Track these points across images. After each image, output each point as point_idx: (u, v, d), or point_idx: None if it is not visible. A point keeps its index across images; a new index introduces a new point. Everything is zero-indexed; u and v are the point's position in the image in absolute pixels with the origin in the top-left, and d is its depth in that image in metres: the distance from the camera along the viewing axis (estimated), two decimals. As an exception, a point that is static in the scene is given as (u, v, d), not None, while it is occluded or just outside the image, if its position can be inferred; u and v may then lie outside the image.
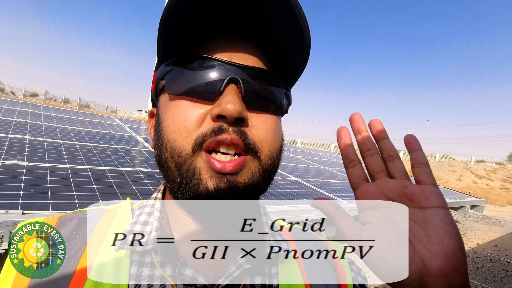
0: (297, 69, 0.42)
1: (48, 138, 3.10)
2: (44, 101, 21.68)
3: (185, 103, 0.36)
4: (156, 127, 0.40)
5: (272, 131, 0.38)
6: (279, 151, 0.40)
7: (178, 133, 0.35)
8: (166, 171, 0.37)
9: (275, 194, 2.94)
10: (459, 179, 19.81)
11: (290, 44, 0.38)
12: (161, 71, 0.39)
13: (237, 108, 0.33)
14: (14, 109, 4.43)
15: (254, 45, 0.39)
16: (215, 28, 0.38)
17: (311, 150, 9.60)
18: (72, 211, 0.45)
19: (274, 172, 0.40)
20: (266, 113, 0.38)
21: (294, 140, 28.79)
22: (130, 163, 2.83)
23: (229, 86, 0.35)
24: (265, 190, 0.39)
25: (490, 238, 6.13)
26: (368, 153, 0.34)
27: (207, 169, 0.34)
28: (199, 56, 0.36)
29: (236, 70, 0.36)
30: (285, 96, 0.41)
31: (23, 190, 1.69)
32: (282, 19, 0.35)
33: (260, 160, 0.36)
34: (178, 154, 0.35)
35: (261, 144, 0.36)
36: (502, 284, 3.75)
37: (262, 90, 0.37)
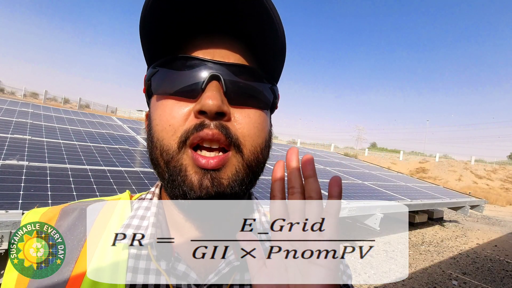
0: (278, 64, 0.43)
1: (48, 138, 3.10)
2: (44, 101, 21.68)
3: (171, 102, 0.37)
4: (148, 127, 0.41)
5: (256, 125, 0.38)
6: (263, 145, 0.40)
7: (165, 131, 0.36)
8: (157, 168, 0.39)
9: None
10: (459, 179, 19.83)
11: (268, 42, 0.39)
12: (148, 73, 0.40)
13: (216, 102, 0.34)
14: (14, 109, 4.43)
15: (236, 42, 0.39)
16: (197, 27, 0.38)
17: (311, 150, 9.60)
18: (75, 202, 0.46)
19: (260, 167, 0.40)
20: (249, 107, 0.38)
21: (294, 140, 28.78)
22: (130, 163, 2.83)
23: (210, 83, 0.36)
24: (252, 185, 0.40)
25: (490, 238, 6.13)
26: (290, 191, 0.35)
27: (192, 165, 0.35)
28: (181, 57, 0.37)
29: (217, 67, 0.36)
30: (270, 91, 0.42)
31: (23, 190, 1.69)
32: (260, 20, 0.37)
33: (243, 155, 0.37)
34: (166, 151, 0.36)
35: (243, 139, 0.37)
36: (502, 284, 3.75)
37: (244, 85, 0.38)
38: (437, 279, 3.67)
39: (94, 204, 0.45)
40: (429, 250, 4.74)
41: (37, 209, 0.44)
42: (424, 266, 4.06)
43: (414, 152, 33.17)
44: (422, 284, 3.46)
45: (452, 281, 3.64)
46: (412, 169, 22.33)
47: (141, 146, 3.90)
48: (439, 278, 3.69)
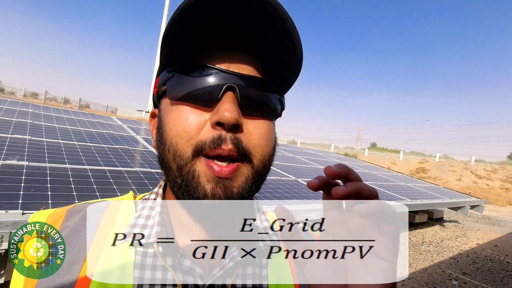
0: (291, 79, 0.45)
1: (48, 138, 3.10)
2: (44, 101, 21.68)
3: (186, 109, 0.39)
4: (159, 129, 0.42)
5: (265, 136, 0.40)
6: (271, 154, 0.42)
7: (179, 137, 0.38)
8: (168, 171, 0.40)
9: (275, 194, 2.95)
10: (459, 179, 19.83)
11: (284, 58, 0.41)
12: (163, 77, 0.42)
13: (234, 116, 0.36)
14: (14, 109, 4.43)
15: (250, 56, 0.41)
16: (215, 40, 0.40)
17: (311, 150, 9.60)
18: (81, 203, 0.48)
19: (266, 174, 0.42)
20: (260, 118, 0.41)
21: (294, 140, 28.78)
22: (130, 163, 2.83)
23: (226, 93, 0.38)
24: (257, 190, 0.42)
25: (490, 238, 6.13)
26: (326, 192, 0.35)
27: (205, 172, 0.37)
28: (199, 65, 0.39)
29: (233, 78, 0.38)
30: (279, 102, 0.44)
31: (23, 190, 1.69)
32: (278, 37, 0.39)
33: (253, 165, 0.39)
34: (179, 156, 0.38)
35: (254, 149, 0.39)
36: (502, 284, 3.75)
37: (257, 96, 0.40)
38: (437, 279, 3.67)
39: (99, 205, 0.47)
40: (429, 250, 4.75)
41: (44, 210, 0.45)
42: (424, 266, 4.06)
43: (414, 152, 33.18)
44: (422, 284, 3.46)
45: (452, 281, 3.64)
46: (412, 169, 22.33)
47: (141, 146, 3.90)
48: (439, 278, 3.69)
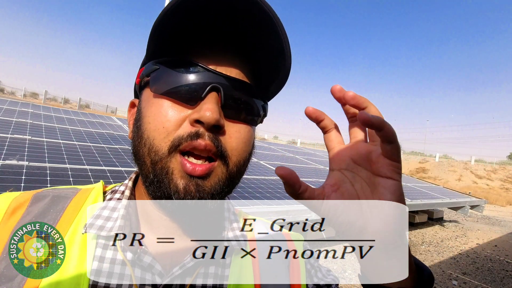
0: (277, 87, 0.45)
1: (48, 138, 3.10)
2: (44, 101, 21.66)
3: (167, 104, 0.38)
4: (136, 120, 0.41)
5: (244, 141, 0.40)
6: (246, 159, 0.42)
7: (157, 132, 0.37)
8: (142, 165, 0.39)
9: (275, 194, 2.95)
10: (459, 179, 19.82)
11: (273, 66, 0.41)
12: (148, 68, 0.40)
13: (215, 116, 0.35)
14: (14, 109, 4.43)
15: (239, 59, 0.41)
16: (206, 38, 0.40)
17: (311, 150, 9.61)
18: (48, 188, 0.46)
19: (240, 178, 0.42)
20: (241, 123, 0.40)
21: (294, 140, 28.78)
22: (130, 163, 2.83)
23: (210, 93, 0.37)
24: (229, 193, 0.42)
25: (490, 238, 6.13)
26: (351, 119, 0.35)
27: (179, 169, 0.36)
28: (187, 61, 0.38)
29: (219, 78, 0.38)
30: (262, 108, 0.43)
31: (23, 190, 1.69)
32: (269, 45, 0.39)
33: (228, 167, 0.39)
34: (155, 152, 0.37)
35: (231, 152, 0.39)
36: (502, 284, 3.75)
37: (240, 101, 0.40)
38: (437, 279, 3.67)
39: (67, 191, 0.46)
40: (429, 250, 4.74)
41: (10, 193, 0.44)
42: (424, 266, 4.05)
43: (414, 152, 33.17)
44: (422, 284, 3.45)
45: (452, 281, 3.64)
46: (412, 169, 22.33)
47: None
48: (439, 278, 3.69)
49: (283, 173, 0.30)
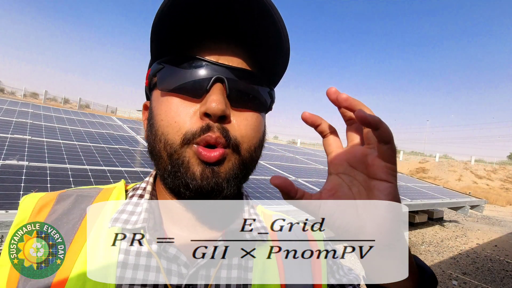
0: (278, 71, 0.46)
1: (48, 138, 3.10)
2: (44, 101, 21.67)
3: (176, 100, 0.39)
4: (149, 120, 0.43)
5: (252, 127, 0.41)
6: (257, 145, 0.43)
7: (170, 127, 0.39)
8: (159, 159, 0.41)
9: (275, 194, 2.95)
10: (459, 179, 19.82)
11: (272, 49, 0.42)
12: (153, 69, 0.42)
13: (221, 107, 0.37)
14: (14, 109, 4.43)
15: (240, 48, 0.42)
16: (205, 31, 0.41)
17: (311, 150, 9.61)
18: (72, 188, 0.49)
19: (253, 164, 0.44)
20: (248, 110, 0.41)
21: (294, 140, 28.78)
22: (130, 163, 2.83)
23: (215, 85, 0.38)
24: (245, 180, 0.44)
25: (490, 238, 6.13)
26: (348, 122, 0.36)
27: (195, 158, 0.38)
28: (189, 57, 0.40)
29: (222, 70, 0.39)
30: (268, 95, 0.44)
31: (23, 190, 1.69)
32: (265, 29, 0.39)
33: (240, 154, 0.40)
34: (170, 145, 0.39)
35: (241, 139, 0.40)
36: (502, 284, 3.75)
37: (245, 89, 0.41)
38: (437, 279, 3.67)
39: (90, 190, 0.48)
40: (429, 250, 4.74)
41: (36, 193, 0.46)
42: (424, 266, 4.05)
43: (414, 152, 33.16)
44: (422, 284, 3.45)
45: (452, 281, 3.64)
46: (412, 169, 22.33)
47: (141, 146, 3.90)
48: (439, 278, 3.69)
49: (278, 182, 0.31)
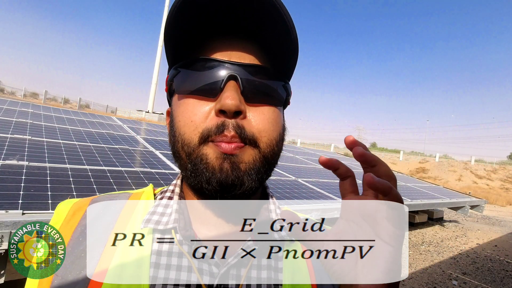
0: (289, 63, 0.46)
1: (48, 138, 3.10)
2: (44, 101, 21.66)
3: (192, 101, 0.41)
4: (170, 123, 0.45)
5: (270, 121, 0.42)
6: (278, 139, 0.43)
7: (186, 126, 0.40)
8: (179, 160, 0.42)
9: (275, 194, 2.94)
10: (459, 179, 19.82)
11: (282, 42, 0.42)
12: (171, 74, 0.44)
13: (235, 102, 0.37)
14: (14, 109, 4.43)
15: (251, 44, 0.42)
16: (214, 30, 0.42)
17: (311, 150, 9.60)
18: (104, 194, 0.52)
19: (275, 159, 0.44)
20: (264, 105, 0.42)
21: (294, 140, 28.77)
22: (130, 163, 2.83)
23: (228, 83, 0.39)
24: (268, 176, 0.43)
25: (490, 238, 6.13)
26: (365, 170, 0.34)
27: (213, 153, 0.39)
28: (200, 59, 0.41)
29: (234, 67, 0.40)
30: (283, 88, 0.45)
31: (23, 190, 1.69)
32: (272, 22, 0.40)
33: (260, 148, 0.40)
34: (187, 145, 0.40)
35: (259, 134, 0.40)
36: (502, 284, 3.75)
37: (259, 84, 0.41)
38: (437, 279, 3.67)
39: (120, 195, 0.51)
40: (429, 250, 4.75)
41: (70, 199, 0.49)
42: (424, 266, 4.06)
43: (414, 152, 33.16)
44: (422, 284, 3.46)
45: (452, 281, 3.64)
46: (412, 169, 22.33)
47: (141, 146, 3.90)
48: (439, 278, 3.69)
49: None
